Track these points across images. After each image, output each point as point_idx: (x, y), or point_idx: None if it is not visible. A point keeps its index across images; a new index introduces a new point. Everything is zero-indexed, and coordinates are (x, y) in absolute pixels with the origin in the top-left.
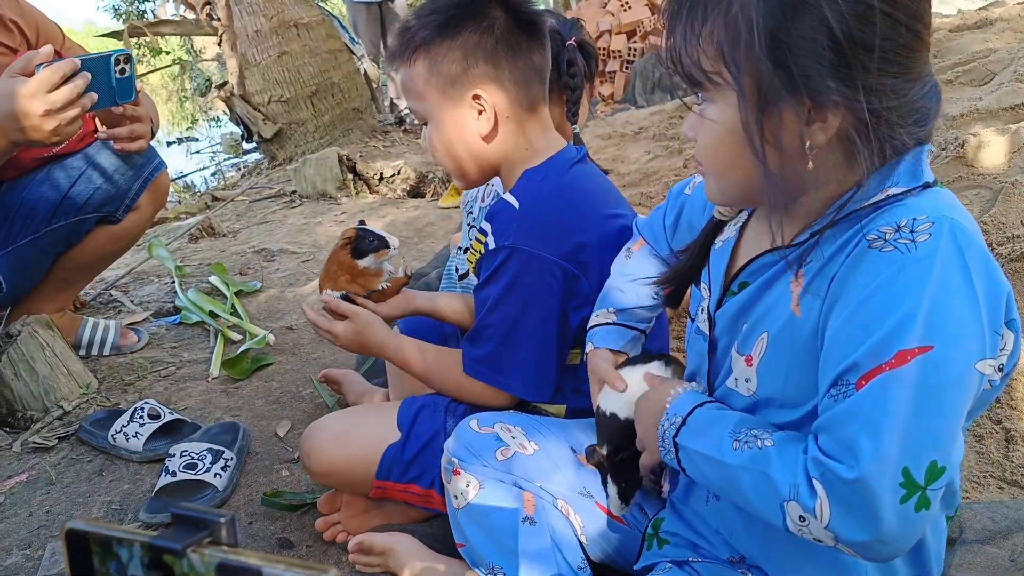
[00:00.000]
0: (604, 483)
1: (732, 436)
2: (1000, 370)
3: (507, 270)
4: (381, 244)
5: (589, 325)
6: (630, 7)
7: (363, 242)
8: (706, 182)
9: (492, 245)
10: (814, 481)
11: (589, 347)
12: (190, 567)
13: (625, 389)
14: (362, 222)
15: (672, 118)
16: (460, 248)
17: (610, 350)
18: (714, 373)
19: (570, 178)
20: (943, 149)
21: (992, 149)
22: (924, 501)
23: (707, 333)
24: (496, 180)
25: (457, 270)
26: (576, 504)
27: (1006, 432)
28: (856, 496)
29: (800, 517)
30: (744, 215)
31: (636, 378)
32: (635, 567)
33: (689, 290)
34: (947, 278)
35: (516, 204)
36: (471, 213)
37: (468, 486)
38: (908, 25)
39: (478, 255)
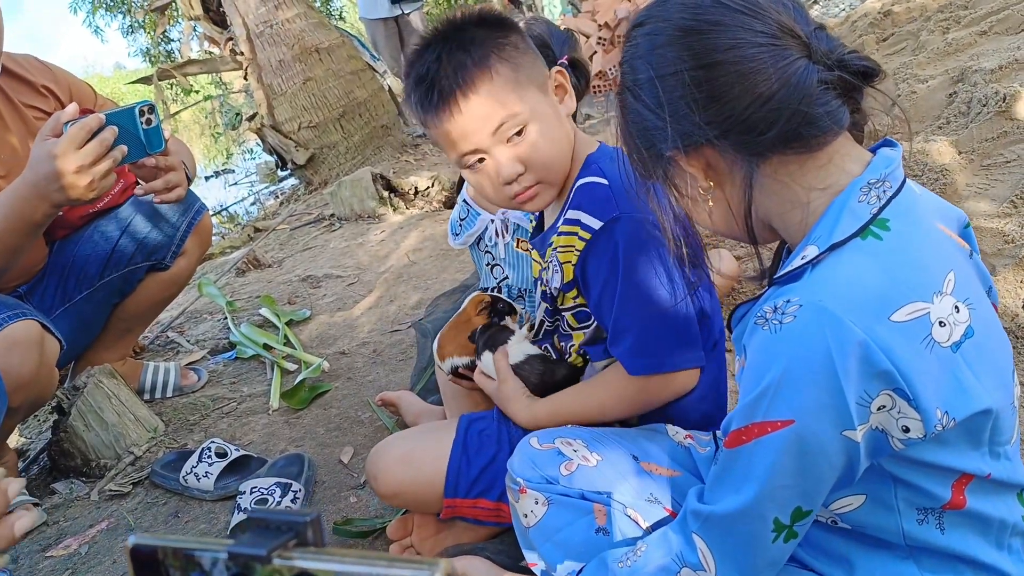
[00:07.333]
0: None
1: (615, 562)
2: (906, 431)
3: (622, 242)
4: (511, 309)
5: None
6: None
7: (496, 308)
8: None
9: (595, 225)
10: (694, 536)
11: None
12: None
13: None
14: (484, 288)
15: None
16: (484, 289)
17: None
18: None
19: None
20: (984, 105)
21: None
22: (792, 534)
23: None
24: (512, 212)
25: None
26: (645, 512)
27: None
28: (735, 527)
29: None
30: None
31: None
32: None
33: None
34: (803, 357)
35: (604, 180)
36: (489, 252)
37: (537, 503)
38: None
39: (573, 251)
